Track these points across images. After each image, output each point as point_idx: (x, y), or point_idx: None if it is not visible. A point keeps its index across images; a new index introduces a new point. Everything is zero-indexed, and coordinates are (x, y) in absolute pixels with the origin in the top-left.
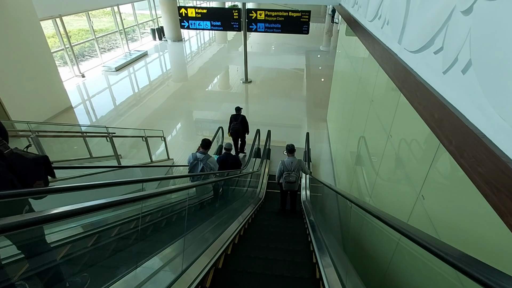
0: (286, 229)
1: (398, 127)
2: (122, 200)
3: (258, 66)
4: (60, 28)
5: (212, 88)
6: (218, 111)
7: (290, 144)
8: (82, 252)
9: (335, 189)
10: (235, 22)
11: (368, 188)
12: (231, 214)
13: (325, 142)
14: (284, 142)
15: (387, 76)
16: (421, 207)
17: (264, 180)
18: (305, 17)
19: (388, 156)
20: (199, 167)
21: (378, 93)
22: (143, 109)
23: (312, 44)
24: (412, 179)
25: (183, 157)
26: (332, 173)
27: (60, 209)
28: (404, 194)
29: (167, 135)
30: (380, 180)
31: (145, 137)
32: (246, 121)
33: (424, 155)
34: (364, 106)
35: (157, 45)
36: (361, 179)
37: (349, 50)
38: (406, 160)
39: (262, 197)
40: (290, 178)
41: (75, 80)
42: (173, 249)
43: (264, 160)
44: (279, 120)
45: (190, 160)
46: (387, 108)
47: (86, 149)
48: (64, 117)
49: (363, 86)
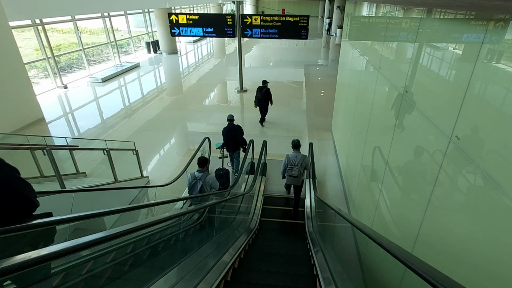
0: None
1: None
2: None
3: (256, 78)
4: (43, 39)
5: (204, 98)
6: (208, 122)
7: (296, 139)
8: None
9: (352, 221)
10: (229, 28)
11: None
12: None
13: (331, 154)
14: (282, 155)
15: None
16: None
17: (259, 204)
18: (303, 21)
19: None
20: (198, 186)
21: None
22: (130, 122)
23: (311, 59)
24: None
25: (167, 174)
26: (342, 191)
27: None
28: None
29: (151, 149)
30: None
31: (107, 150)
32: (270, 93)
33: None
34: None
35: (151, 58)
36: (382, 201)
37: (370, 56)
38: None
39: (254, 227)
40: (292, 172)
41: (56, 91)
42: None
43: (258, 176)
44: (277, 131)
45: (189, 179)
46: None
47: (45, 165)
48: (33, 129)
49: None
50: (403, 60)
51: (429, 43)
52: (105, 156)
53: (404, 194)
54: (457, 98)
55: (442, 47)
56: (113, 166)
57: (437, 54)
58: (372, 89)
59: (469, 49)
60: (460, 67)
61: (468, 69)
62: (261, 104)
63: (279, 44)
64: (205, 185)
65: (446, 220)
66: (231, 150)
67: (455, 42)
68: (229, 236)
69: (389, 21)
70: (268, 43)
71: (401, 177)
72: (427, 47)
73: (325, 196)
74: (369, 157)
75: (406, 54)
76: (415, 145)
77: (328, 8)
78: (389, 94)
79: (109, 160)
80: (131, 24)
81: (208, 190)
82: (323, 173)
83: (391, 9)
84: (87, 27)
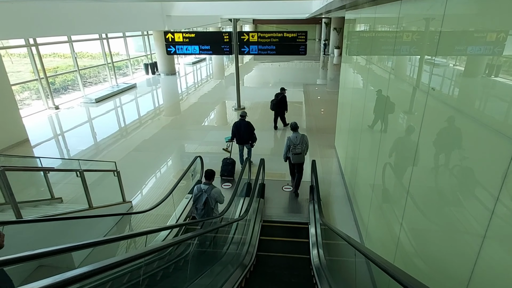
0: None
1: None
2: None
3: (255, 98)
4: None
5: (200, 117)
6: (202, 141)
7: (293, 122)
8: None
9: (370, 256)
10: (226, 45)
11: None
12: None
13: (336, 173)
14: (283, 174)
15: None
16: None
17: (255, 231)
18: (302, 37)
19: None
20: (203, 198)
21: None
22: (121, 143)
23: (309, 79)
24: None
25: (157, 197)
26: (351, 216)
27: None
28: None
29: (140, 171)
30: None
31: (80, 171)
32: (285, 100)
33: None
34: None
35: (149, 79)
36: (406, 231)
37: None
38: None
39: (249, 262)
40: (296, 150)
41: (47, 112)
42: None
43: (255, 199)
44: (276, 148)
45: (195, 192)
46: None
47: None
48: (17, 150)
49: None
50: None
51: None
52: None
53: (447, 221)
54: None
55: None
56: (87, 190)
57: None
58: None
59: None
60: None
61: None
62: (276, 109)
63: (278, 65)
64: (210, 198)
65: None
66: (238, 143)
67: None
68: (218, 274)
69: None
70: (267, 65)
71: (439, 199)
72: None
73: (332, 222)
74: (386, 176)
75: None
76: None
77: (324, 31)
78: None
79: (82, 183)
80: (132, 49)
81: (213, 203)
82: (327, 193)
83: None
84: (88, 51)
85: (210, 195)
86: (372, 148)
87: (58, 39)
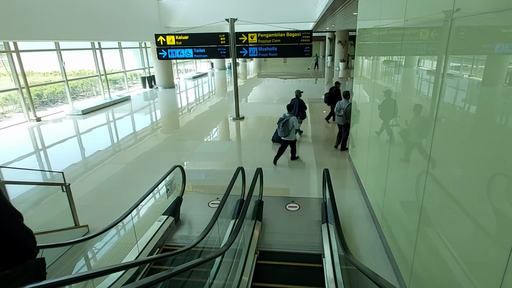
0: None
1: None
2: None
3: (258, 113)
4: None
5: (197, 128)
6: (192, 151)
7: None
8: None
9: None
10: (222, 48)
11: None
12: None
13: (353, 188)
14: (285, 190)
15: None
16: None
17: (248, 268)
18: (306, 37)
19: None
20: (284, 119)
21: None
22: (101, 155)
23: (315, 94)
24: None
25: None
26: (379, 244)
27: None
28: None
29: (117, 186)
30: None
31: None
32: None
33: None
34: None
35: (146, 92)
36: None
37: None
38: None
39: None
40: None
41: (27, 124)
42: None
43: (250, 221)
44: (279, 159)
45: (281, 117)
46: None
47: None
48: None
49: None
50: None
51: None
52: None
53: None
54: None
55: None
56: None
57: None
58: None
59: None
60: None
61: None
62: (330, 102)
63: (282, 81)
64: (289, 121)
65: None
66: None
67: None
68: None
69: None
70: (271, 82)
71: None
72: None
73: (354, 252)
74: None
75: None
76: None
77: (329, 46)
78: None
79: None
80: (133, 65)
81: (291, 126)
82: (345, 215)
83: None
84: (90, 69)
85: (289, 120)
86: (417, 155)
87: (44, 46)
